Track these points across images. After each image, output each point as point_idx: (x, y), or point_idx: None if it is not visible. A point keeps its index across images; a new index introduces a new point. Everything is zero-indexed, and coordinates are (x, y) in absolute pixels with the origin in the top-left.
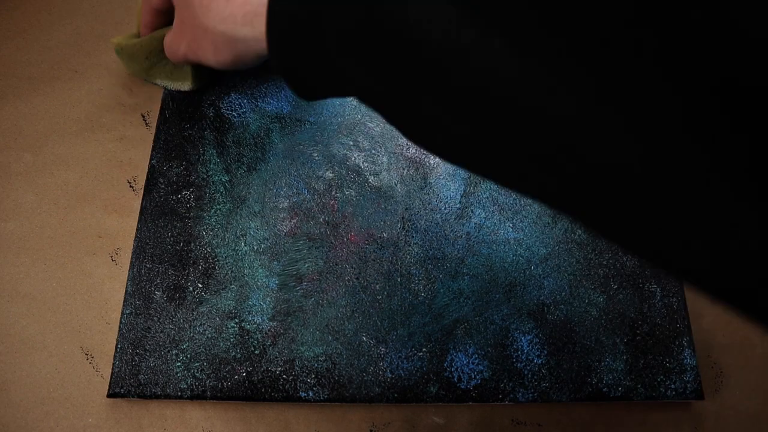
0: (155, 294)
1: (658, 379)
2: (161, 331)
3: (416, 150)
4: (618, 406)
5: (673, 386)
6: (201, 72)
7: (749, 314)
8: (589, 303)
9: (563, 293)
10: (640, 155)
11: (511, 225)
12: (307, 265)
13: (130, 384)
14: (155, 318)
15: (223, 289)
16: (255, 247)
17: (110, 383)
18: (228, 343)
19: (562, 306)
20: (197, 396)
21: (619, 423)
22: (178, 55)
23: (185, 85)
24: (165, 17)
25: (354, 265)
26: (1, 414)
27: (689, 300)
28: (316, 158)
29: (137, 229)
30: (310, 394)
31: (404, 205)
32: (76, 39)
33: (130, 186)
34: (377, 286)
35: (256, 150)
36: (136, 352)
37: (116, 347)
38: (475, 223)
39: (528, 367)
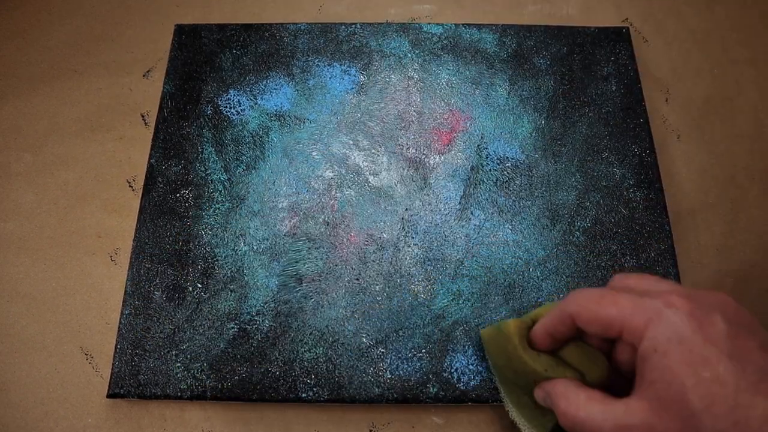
0: (154, 294)
1: None
2: (161, 332)
3: (416, 150)
4: None
5: None
6: None
7: None
8: None
9: (562, 295)
10: None
11: (510, 227)
12: (306, 266)
13: (129, 384)
14: (155, 318)
15: (222, 289)
16: (254, 247)
17: (110, 383)
18: (228, 343)
19: None
20: (197, 396)
21: None
22: None
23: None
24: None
25: (354, 266)
26: (1, 414)
27: None
28: (316, 158)
29: (136, 229)
30: (310, 394)
31: (404, 205)
32: (76, 39)
33: (130, 185)
34: (377, 287)
35: (255, 148)
36: (136, 353)
37: (116, 347)
38: (475, 225)
39: None
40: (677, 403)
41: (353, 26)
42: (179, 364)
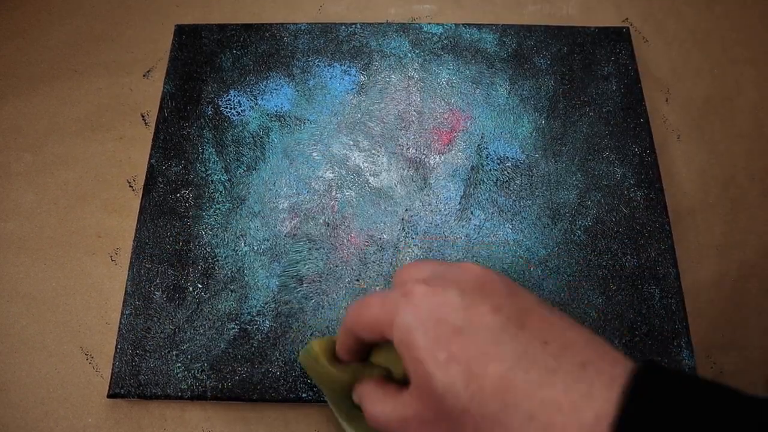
0: (155, 294)
1: None
2: (161, 332)
3: (416, 150)
4: None
5: None
6: None
7: None
8: (588, 304)
9: (562, 294)
10: None
11: (510, 226)
12: (307, 267)
13: (130, 384)
14: (155, 318)
15: (222, 289)
16: (255, 248)
17: (110, 383)
18: (228, 343)
19: (562, 307)
20: (197, 396)
21: None
22: None
23: None
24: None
25: (354, 267)
26: (1, 414)
27: (687, 301)
28: (316, 158)
29: (136, 229)
30: (311, 394)
31: (404, 206)
32: (76, 39)
33: (130, 185)
34: (377, 287)
35: (255, 149)
36: (136, 353)
37: (116, 347)
38: (475, 225)
39: None
40: (428, 389)
41: (353, 26)
42: (179, 364)
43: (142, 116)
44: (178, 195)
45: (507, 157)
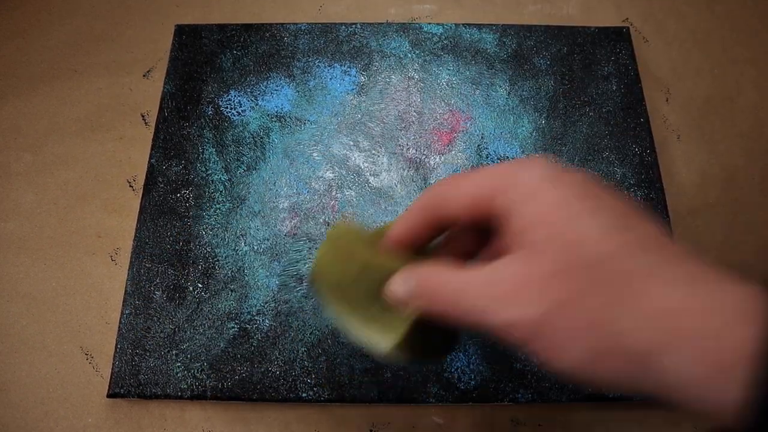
0: (155, 294)
1: None
2: (161, 331)
3: (416, 150)
4: (617, 406)
5: None
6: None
7: None
8: None
9: None
10: None
11: None
12: (307, 266)
13: (130, 384)
14: (155, 318)
15: (223, 289)
16: (255, 247)
17: (110, 383)
18: (228, 343)
19: None
20: (197, 396)
21: (618, 423)
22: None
23: (384, 341)
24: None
25: None
26: (1, 414)
27: None
28: (316, 158)
29: (136, 229)
30: (310, 394)
31: (404, 206)
32: (76, 39)
33: (130, 185)
34: None
35: (255, 149)
36: (136, 352)
37: (116, 347)
38: None
39: (527, 368)
40: (559, 239)
41: (353, 26)
42: (179, 364)
43: (142, 116)
44: (178, 195)
45: (507, 157)
